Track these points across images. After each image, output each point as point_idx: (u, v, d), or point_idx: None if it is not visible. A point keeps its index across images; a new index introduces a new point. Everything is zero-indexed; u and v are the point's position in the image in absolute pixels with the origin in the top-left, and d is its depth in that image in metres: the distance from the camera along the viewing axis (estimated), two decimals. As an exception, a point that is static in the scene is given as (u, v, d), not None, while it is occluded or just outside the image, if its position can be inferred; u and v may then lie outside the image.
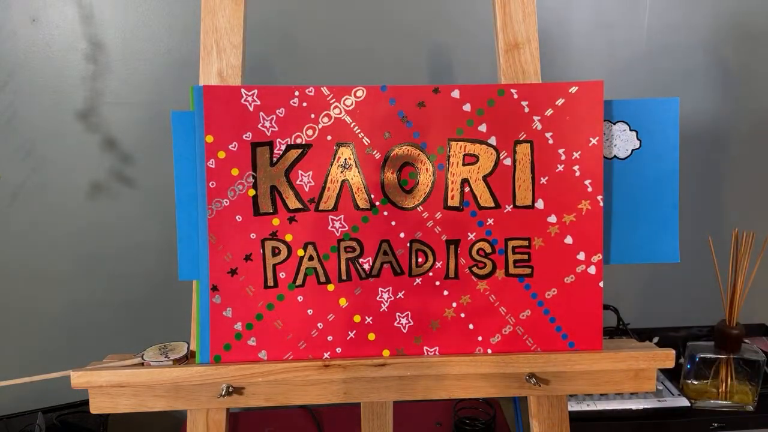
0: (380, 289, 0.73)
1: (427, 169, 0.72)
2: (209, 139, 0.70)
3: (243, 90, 0.70)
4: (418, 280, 0.73)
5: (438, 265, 0.73)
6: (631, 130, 0.74)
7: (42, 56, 1.09)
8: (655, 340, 1.10)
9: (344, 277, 0.72)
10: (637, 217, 0.74)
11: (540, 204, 0.72)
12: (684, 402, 1.03)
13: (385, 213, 0.72)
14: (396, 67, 1.15)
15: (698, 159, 1.24)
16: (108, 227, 1.16)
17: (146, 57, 1.11)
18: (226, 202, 0.71)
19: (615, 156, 0.74)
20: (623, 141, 0.74)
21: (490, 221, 0.72)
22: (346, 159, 0.71)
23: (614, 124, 0.74)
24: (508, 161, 0.72)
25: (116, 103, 1.12)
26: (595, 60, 1.19)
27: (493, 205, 0.72)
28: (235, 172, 0.70)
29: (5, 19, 1.07)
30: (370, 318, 0.73)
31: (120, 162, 1.14)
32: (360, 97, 0.71)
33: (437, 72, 1.17)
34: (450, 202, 0.72)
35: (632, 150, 0.74)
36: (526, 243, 0.73)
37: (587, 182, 0.72)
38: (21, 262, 1.16)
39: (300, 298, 0.72)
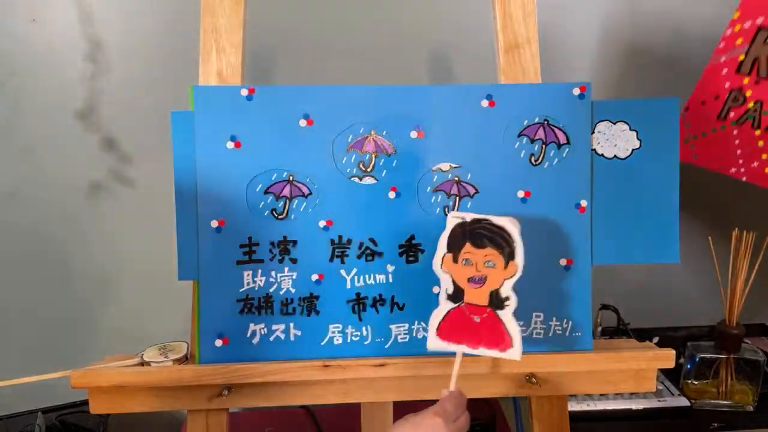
0: (380, 289, 0.73)
1: None
2: (209, 139, 0.70)
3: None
4: (418, 280, 0.73)
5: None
6: (631, 129, 0.74)
7: (42, 56, 1.09)
8: (655, 340, 1.10)
9: (344, 277, 0.72)
10: (637, 217, 0.74)
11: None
12: (684, 402, 1.03)
13: None
14: (396, 67, 1.15)
15: (698, 159, 1.24)
16: (107, 227, 1.16)
17: (146, 57, 1.10)
18: (226, 202, 0.71)
19: (615, 156, 0.74)
20: (623, 141, 0.74)
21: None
22: None
23: (614, 124, 0.73)
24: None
25: (116, 103, 1.11)
26: (595, 60, 1.19)
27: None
28: (235, 172, 0.70)
29: (5, 19, 1.07)
30: (370, 318, 0.73)
31: (120, 162, 1.13)
32: None
33: (437, 72, 1.16)
34: (450, 202, 0.72)
35: (632, 150, 0.74)
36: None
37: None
38: (21, 262, 1.16)
39: (300, 298, 0.72)
